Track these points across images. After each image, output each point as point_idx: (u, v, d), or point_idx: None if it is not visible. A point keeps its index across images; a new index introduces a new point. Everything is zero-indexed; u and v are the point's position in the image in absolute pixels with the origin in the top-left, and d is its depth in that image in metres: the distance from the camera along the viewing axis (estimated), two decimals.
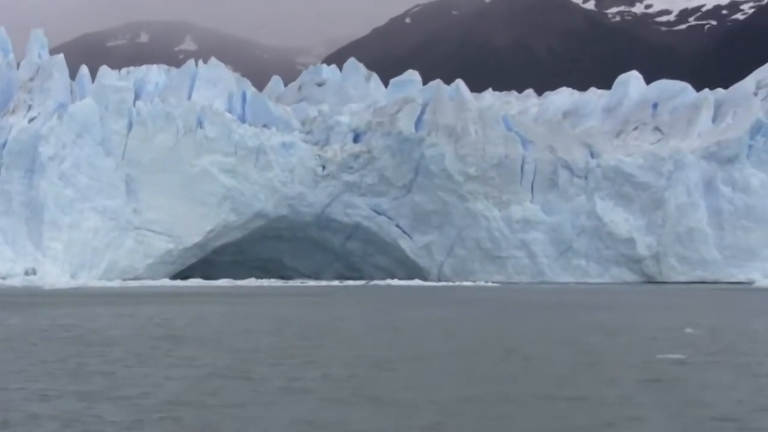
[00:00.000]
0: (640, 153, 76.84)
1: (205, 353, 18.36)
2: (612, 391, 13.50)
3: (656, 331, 24.47)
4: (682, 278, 74.18)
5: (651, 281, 74.59)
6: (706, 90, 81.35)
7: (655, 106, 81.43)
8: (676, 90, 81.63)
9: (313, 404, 12.34)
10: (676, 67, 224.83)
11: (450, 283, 72.79)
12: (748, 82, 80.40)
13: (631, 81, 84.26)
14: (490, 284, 71.81)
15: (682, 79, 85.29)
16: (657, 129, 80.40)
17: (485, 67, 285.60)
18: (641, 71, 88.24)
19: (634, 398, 12.88)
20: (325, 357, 17.79)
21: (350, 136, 79.69)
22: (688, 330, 23.80)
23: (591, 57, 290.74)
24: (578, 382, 14.52)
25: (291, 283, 74.30)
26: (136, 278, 70.77)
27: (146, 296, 46.57)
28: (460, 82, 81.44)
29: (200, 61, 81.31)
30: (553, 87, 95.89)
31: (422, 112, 78.91)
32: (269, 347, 19.67)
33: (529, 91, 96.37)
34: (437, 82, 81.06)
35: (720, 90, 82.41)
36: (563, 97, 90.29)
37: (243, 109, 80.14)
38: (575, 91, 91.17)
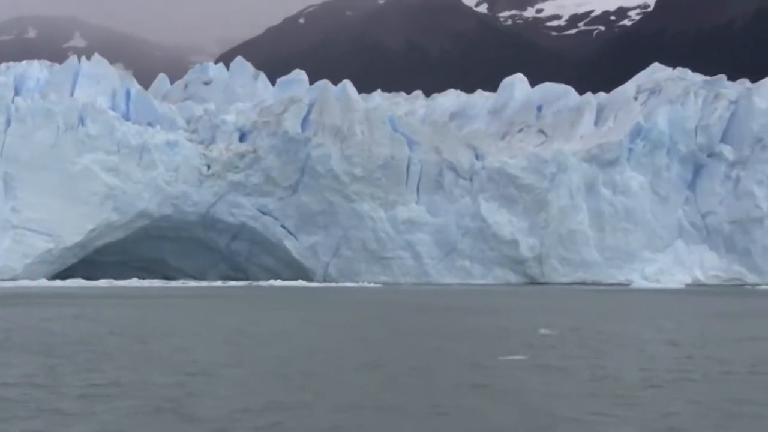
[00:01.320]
0: (524, 155, 77.64)
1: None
2: (422, 397, 13.31)
3: (511, 332, 24.57)
4: (564, 279, 75.20)
5: (533, 282, 75.44)
6: (589, 94, 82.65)
7: (539, 108, 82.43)
8: (559, 93, 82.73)
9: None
10: (566, 71, 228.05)
11: (333, 284, 72.67)
12: (629, 87, 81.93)
13: (516, 84, 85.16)
14: (372, 285, 71.87)
15: (571, 83, 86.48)
16: (541, 131, 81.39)
17: (378, 69, 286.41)
18: (531, 74, 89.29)
19: (440, 406, 12.65)
20: (134, 362, 17.24)
21: (236, 136, 79.08)
22: (543, 331, 23.97)
23: (483, 60, 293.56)
24: (397, 389, 14.20)
25: (173, 283, 73.28)
26: (13, 278, 69.19)
27: (12, 297, 45.32)
28: (347, 83, 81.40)
29: (83, 58, 79.87)
30: (445, 89, 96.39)
31: (308, 112, 78.69)
32: (74, 353, 18.90)
33: (418, 93, 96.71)
34: (324, 82, 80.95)
35: (602, 94, 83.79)
36: (450, 98, 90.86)
37: (127, 106, 78.98)
38: (462, 93, 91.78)
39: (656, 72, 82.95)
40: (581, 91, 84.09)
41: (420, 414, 12.08)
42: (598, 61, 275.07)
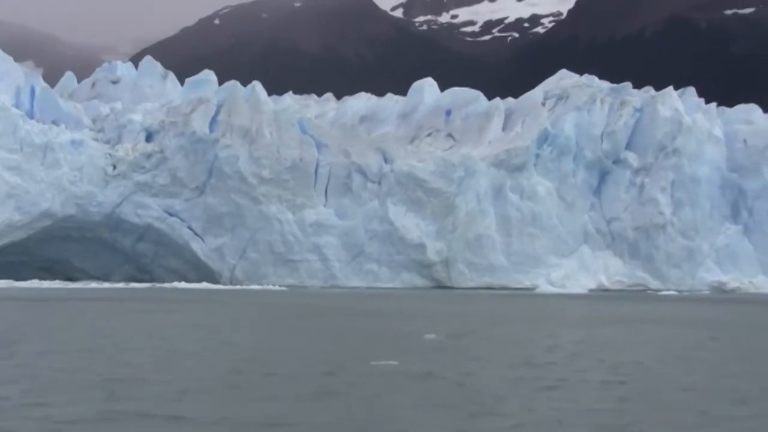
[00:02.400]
0: (432, 159, 77.79)
1: None
2: (261, 406, 12.91)
3: (396, 336, 24.41)
4: (471, 284, 75.50)
5: (440, 286, 75.62)
6: (498, 99, 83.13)
7: (448, 113, 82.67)
8: (468, 98, 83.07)
9: None
10: (479, 77, 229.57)
11: (239, 287, 72.18)
12: (537, 93, 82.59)
13: (426, 88, 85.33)
14: (277, 288, 71.53)
15: (484, 88, 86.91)
16: (450, 136, 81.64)
17: (293, 71, 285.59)
18: (445, 80, 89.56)
19: (275, 416, 12.29)
20: None
21: (143, 136, 78.13)
22: (428, 336, 23.86)
23: (398, 64, 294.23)
24: (240, 398, 13.76)
25: (74, 285, 72.09)
26: None
27: None
28: (256, 84, 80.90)
29: None
30: (360, 92, 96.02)
31: (217, 113, 78.07)
32: None
33: (329, 95, 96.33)
34: (233, 83, 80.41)
35: (510, 99, 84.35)
36: (361, 102, 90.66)
37: (31, 104, 77.59)
38: (373, 96, 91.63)
39: (563, 78, 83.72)
40: (494, 97, 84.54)
41: (249, 425, 11.62)
42: (511, 67, 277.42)
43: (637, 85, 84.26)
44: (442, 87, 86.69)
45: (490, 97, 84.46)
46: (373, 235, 76.33)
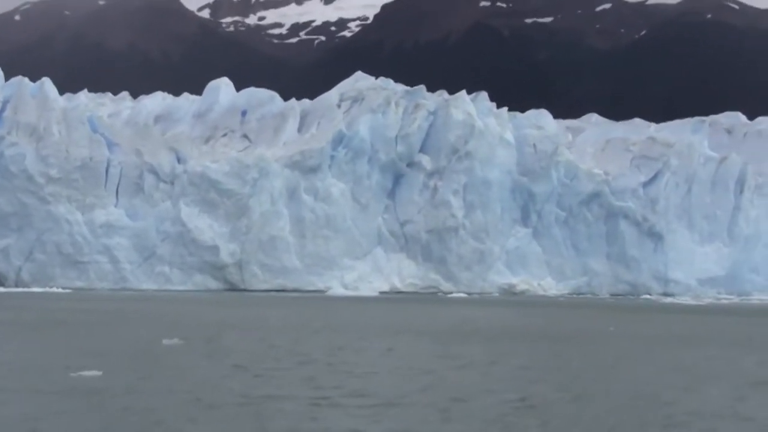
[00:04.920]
0: (226, 160, 76.82)
1: None
2: None
3: (129, 343, 23.60)
4: (265, 286, 74.82)
5: (234, 289, 74.68)
6: (293, 100, 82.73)
7: (243, 113, 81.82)
8: (264, 99, 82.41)
9: None
10: (285, 79, 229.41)
11: (24, 290, 69.92)
12: (332, 95, 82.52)
13: (222, 88, 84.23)
14: (62, 290, 69.47)
15: (288, 90, 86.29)
16: (245, 136, 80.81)
17: (97, 70, 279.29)
18: (250, 82, 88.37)
19: None
20: None
21: None
22: (167, 341, 23.21)
23: (204, 65, 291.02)
24: None
25: None
26: None
27: None
28: (45, 81, 78.44)
29: None
30: (170, 92, 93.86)
31: (3, 110, 75.42)
32: None
33: (124, 94, 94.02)
34: (19, 79, 77.77)
35: (306, 101, 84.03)
36: (156, 101, 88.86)
37: None
38: (169, 95, 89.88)
39: (359, 81, 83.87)
40: (295, 98, 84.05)
41: None
42: (316, 70, 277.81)
43: (436, 90, 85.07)
44: (241, 88, 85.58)
45: (290, 98, 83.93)
46: (165, 236, 74.86)
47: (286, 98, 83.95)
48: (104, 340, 24.52)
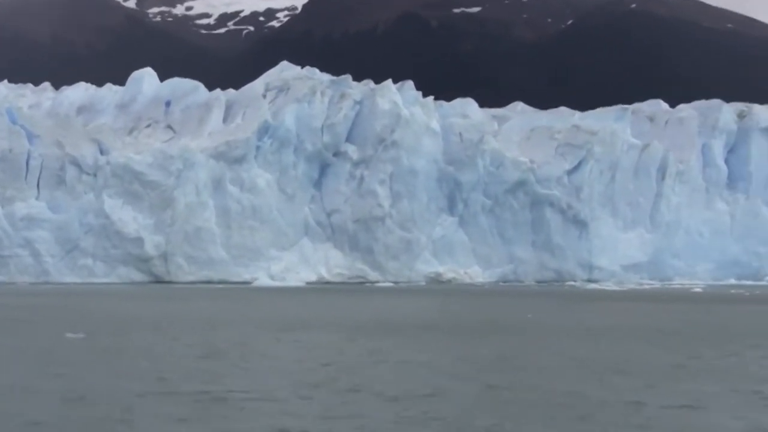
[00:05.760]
0: (150, 151, 76.03)
1: None
2: None
3: (28, 337, 23.19)
4: (190, 278, 74.17)
5: (159, 281, 73.97)
6: (218, 90, 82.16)
7: (167, 104, 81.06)
8: (188, 89, 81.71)
9: None
10: (213, 70, 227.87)
11: None
12: (258, 84, 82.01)
13: (145, 78, 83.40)
14: None
15: (214, 80, 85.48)
16: (169, 127, 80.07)
17: (19, 61, 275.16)
18: (176, 72, 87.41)
19: None
20: None
21: None
22: (71, 335, 22.85)
23: (130, 56, 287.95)
24: None
25: None
26: None
27: None
28: None
29: None
30: (94, 83, 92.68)
31: None
32: None
33: (46, 85, 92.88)
34: None
35: (231, 91, 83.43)
36: (79, 92, 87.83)
37: None
38: (91, 86, 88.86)
39: (284, 70, 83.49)
40: (221, 89, 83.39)
41: None
42: (244, 60, 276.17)
43: (362, 79, 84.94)
44: (171, 79, 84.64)
45: (215, 88, 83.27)
46: (88, 228, 73.91)
47: (213, 89, 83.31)
48: (5, 335, 24.03)
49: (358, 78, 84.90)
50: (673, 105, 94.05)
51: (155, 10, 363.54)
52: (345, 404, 13.75)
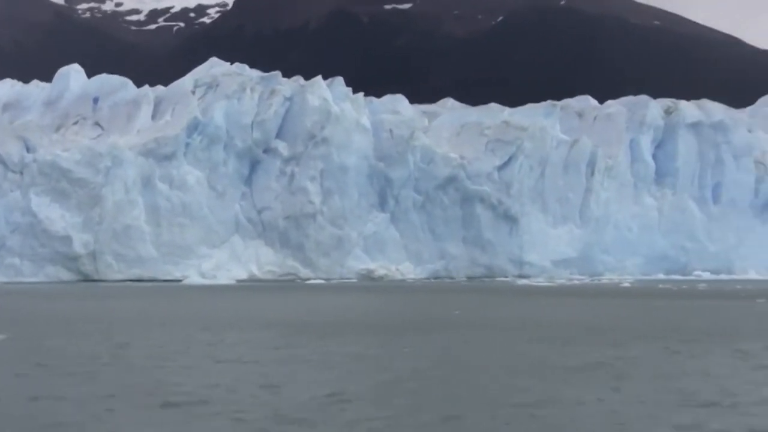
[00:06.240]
0: (77, 148, 75.15)
1: None
2: None
3: None
4: (120, 276, 73.47)
5: (88, 280, 73.14)
6: (147, 87, 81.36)
7: (95, 101, 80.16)
8: (116, 85, 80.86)
9: None
10: (143, 66, 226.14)
11: None
12: (187, 81, 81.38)
13: (72, 74, 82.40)
14: None
15: (143, 77, 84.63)
16: (97, 124, 79.16)
17: None
18: (105, 69, 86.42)
19: None
20: None
21: None
22: None
23: (57, 52, 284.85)
24: None
25: None
26: None
27: None
28: None
29: None
30: (21, 80, 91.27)
31: None
32: None
33: None
34: None
35: (160, 87, 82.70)
36: (5, 88, 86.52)
37: None
38: (18, 83, 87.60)
39: (214, 67, 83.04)
40: (150, 85, 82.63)
41: None
42: (174, 57, 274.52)
43: (292, 76, 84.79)
44: (98, 75, 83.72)
45: (144, 85, 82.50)
46: (14, 227, 72.92)
47: (142, 85, 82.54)
48: None
49: (291, 75, 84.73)
50: (601, 101, 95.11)
51: (84, 6, 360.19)
52: (237, 411, 13.52)
